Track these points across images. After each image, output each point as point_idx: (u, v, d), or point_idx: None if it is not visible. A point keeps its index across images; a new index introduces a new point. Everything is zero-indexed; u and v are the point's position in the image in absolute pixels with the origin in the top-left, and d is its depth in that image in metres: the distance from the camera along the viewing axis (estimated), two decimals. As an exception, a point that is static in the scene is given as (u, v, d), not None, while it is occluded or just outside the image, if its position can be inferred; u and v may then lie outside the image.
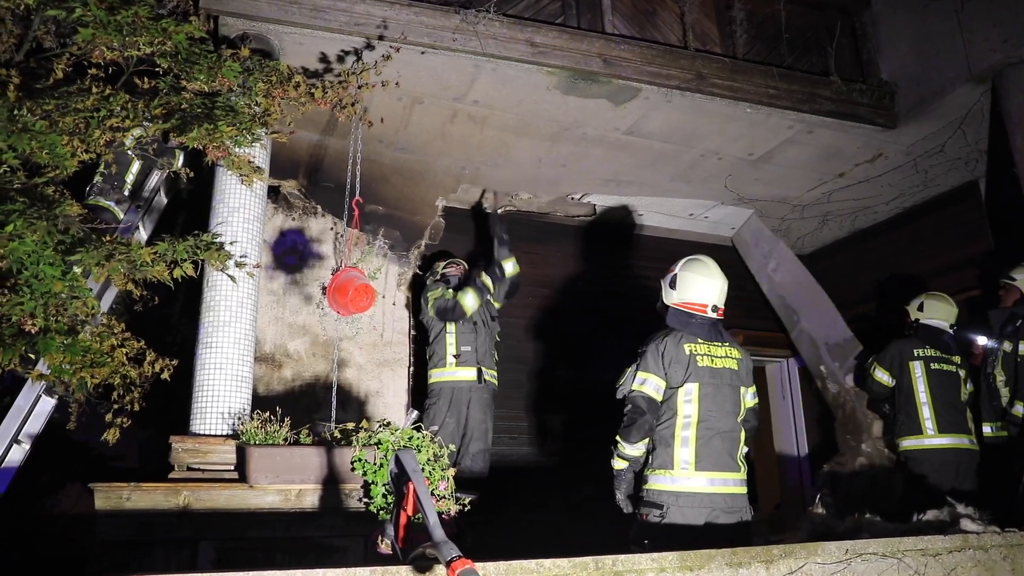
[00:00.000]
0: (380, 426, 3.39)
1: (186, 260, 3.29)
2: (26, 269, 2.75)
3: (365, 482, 3.24)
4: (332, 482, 3.31)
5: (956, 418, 4.66)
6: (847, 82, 5.35)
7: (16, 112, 2.81)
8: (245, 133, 3.35)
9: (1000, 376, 4.56)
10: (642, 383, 3.27)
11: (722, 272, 3.45)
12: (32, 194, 2.88)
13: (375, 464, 3.21)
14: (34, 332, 2.74)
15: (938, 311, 4.91)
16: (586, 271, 6.69)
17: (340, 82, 3.85)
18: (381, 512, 3.10)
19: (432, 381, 5.08)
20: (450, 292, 5.10)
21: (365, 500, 3.25)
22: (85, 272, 3.04)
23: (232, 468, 3.55)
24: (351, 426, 3.47)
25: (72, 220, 2.97)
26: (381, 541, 2.69)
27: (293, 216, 5.71)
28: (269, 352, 5.39)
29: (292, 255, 5.65)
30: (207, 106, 3.28)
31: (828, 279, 6.72)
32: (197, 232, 3.53)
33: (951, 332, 4.89)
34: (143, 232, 4.34)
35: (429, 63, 4.56)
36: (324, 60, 4.48)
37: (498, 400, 5.28)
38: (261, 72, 3.55)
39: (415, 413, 3.64)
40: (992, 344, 4.67)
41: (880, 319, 6.29)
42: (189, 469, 3.52)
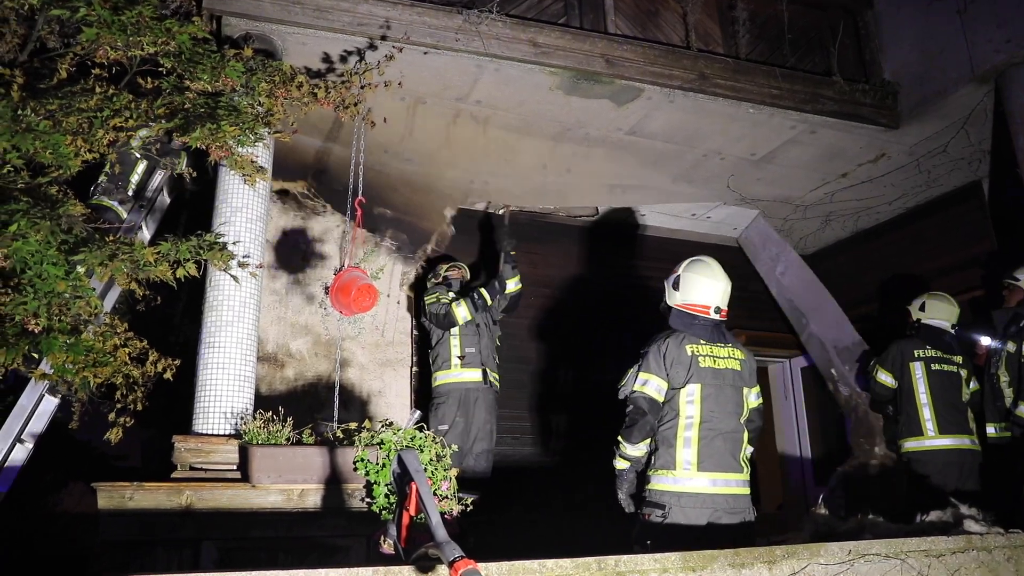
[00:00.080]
0: (382, 426, 3.38)
1: (189, 260, 3.30)
2: (30, 269, 2.75)
3: (367, 482, 3.24)
4: (334, 482, 3.30)
5: (957, 418, 4.65)
6: (850, 82, 5.34)
7: (20, 112, 2.82)
8: (248, 133, 3.36)
9: (1004, 377, 4.55)
10: (644, 384, 3.28)
11: (725, 273, 3.44)
12: (36, 194, 2.89)
13: (377, 464, 3.21)
14: (37, 331, 2.75)
15: (940, 311, 4.90)
16: (588, 271, 6.69)
17: (343, 82, 3.85)
18: (383, 512, 3.09)
19: (438, 383, 5.08)
20: (447, 297, 5.12)
21: (367, 500, 3.25)
22: (88, 272, 3.04)
23: (235, 468, 3.56)
24: (353, 426, 3.47)
25: (75, 220, 2.97)
26: (384, 541, 2.69)
27: (299, 216, 5.72)
28: (272, 352, 5.39)
29: (295, 254, 5.66)
30: (210, 106, 3.29)
31: (831, 279, 6.71)
32: (200, 232, 3.54)
33: (953, 332, 4.88)
34: (146, 232, 4.35)
35: (432, 63, 4.56)
36: (327, 60, 4.48)
37: (500, 400, 5.28)
38: (264, 72, 3.55)
39: (418, 413, 3.65)
40: (996, 344, 4.66)
41: (883, 319, 6.28)
42: (192, 469, 3.52)
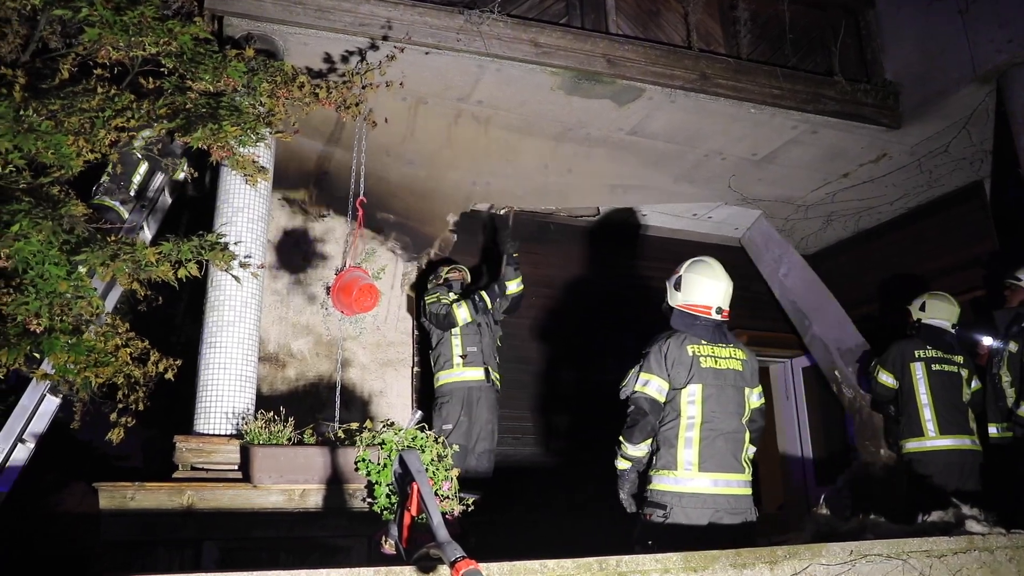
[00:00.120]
0: (384, 426, 3.38)
1: (190, 260, 3.30)
2: (31, 269, 2.76)
3: (369, 482, 3.24)
4: (336, 482, 3.30)
5: (958, 419, 4.64)
6: (851, 82, 5.34)
7: (22, 112, 2.82)
8: (249, 133, 3.36)
9: (1005, 377, 4.54)
10: (645, 384, 3.28)
11: (727, 274, 3.44)
12: (38, 194, 2.89)
13: (379, 464, 3.21)
14: (39, 331, 2.75)
15: (940, 311, 4.89)
16: (590, 271, 6.68)
17: (344, 82, 3.85)
18: (385, 512, 3.09)
19: (441, 383, 5.08)
20: (447, 297, 5.13)
21: (369, 500, 3.25)
22: (90, 272, 3.04)
23: (236, 468, 3.56)
24: (355, 426, 3.46)
25: (77, 220, 2.98)
26: (385, 541, 2.70)
27: (300, 217, 5.72)
28: (273, 352, 5.39)
29: (296, 255, 5.66)
30: (212, 106, 3.29)
31: (832, 279, 6.70)
32: (201, 232, 3.54)
33: (953, 332, 4.87)
34: (148, 232, 4.35)
35: (433, 63, 4.56)
36: (328, 60, 4.48)
37: (502, 400, 5.28)
38: (265, 72, 3.55)
39: (419, 413, 3.64)
40: (997, 345, 4.65)
41: (884, 319, 6.28)
42: (193, 469, 3.52)
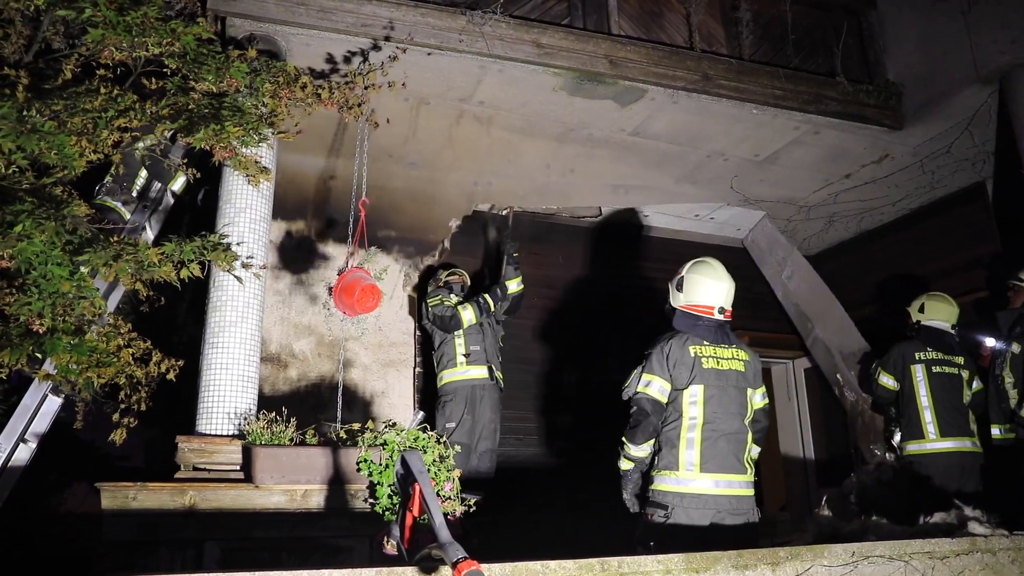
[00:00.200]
0: (386, 427, 3.38)
1: (193, 261, 3.30)
2: (34, 269, 2.76)
3: (371, 483, 3.24)
4: (338, 483, 3.30)
5: (958, 421, 4.63)
6: (853, 83, 5.34)
7: (25, 113, 2.82)
8: (252, 133, 3.35)
9: (1008, 378, 4.53)
10: (647, 385, 3.28)
11: (729, 274, 3.45)
12: (40, 194, 2.89)
13: (381, 465, 3.21)
14: (41, 332, 2.75)
15: (939, 312, 4.87)
16: (592, 272, 6.68)
17: (347, 83, 3.85)
18: (387, 513, 3.09)
19: (444, 382, 5.09)
20: (450, 299, 5.15)
21: (371, 501, 3.25)
22: (92, 272, 3.05)
23: (238, 468, 3.56)
24: (357, 427, 3.46)
25: (80, 220, 2.98)
26: (387, 542, 2.70)
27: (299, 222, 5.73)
28: (275, 352, 5.39)
29: (298, 255, 5.66)
30: (214, 107, 3.29)
31: (834, 280, 6.70)
32: (204, 233, 3.54)
33: (953, 332, 4.86)
34: (150, 232, 4.36)
35: (435, 64, 4.56)
36: (331, 61, 4.49)
37: (504, 401, 5.28)
38: (268, 73, 3.55)
39: (421, 414, 3.64)
40: (1000, 346, 4.64)
41: (886, 320, 6.27)
42: (195, 469, 3.52)
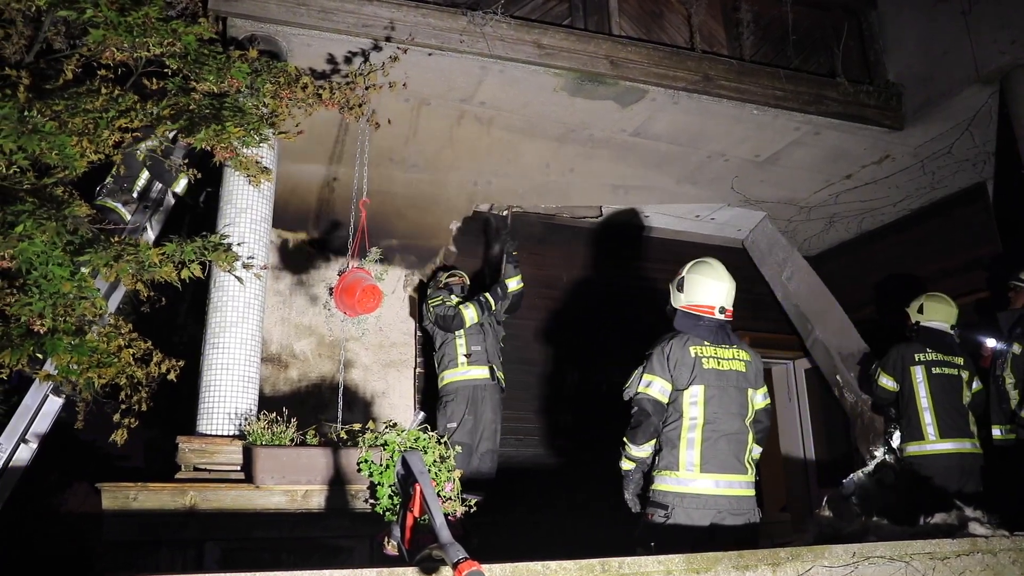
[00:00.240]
0: (386, 427, 3.38)
1: (194, 261, 3.30)
2: (35, 269, 2.76)
3: (371, 483, 3.24)
4: (338, 483, 3.30)
5: (958, 422, 4.62)
6: (854, 83, 5.34)
7: (26, 113, 2.82)
8: (253, 134, 3.36)
9: (1009, 379, 4.53)
10: (647, 386, 3.28)
11: (729, 274, 3.45)
12: (41, 195, 2.89)
13: (381, 465, 3.21)
14: (42, 332, 2.76)
15: (938, 313, 4.86)
16: (593, 272, 6.68)
17: (347, 83, 3.85)
18: (387, 513, 3.09)
19: (446, 382, 5.10)
20: (452, 300, 5.16)
21: (371, 501, 3.25)
22: (93, 272, 3.05)
23: (238, 468, 3.56)
24: (357, 427, 3.46)
25: (81, 221, 2.98)
26: (387, 542, 2.70)
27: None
28: (275, 352, 5.40)
29: (299, 255, 5.66)
30: (215, 107, 3.29)
31: (835, 281, 6.70)
32: (205, 233, 3.55)
33: (952, 333, 4.86)
34: (151, 233, 4.36)
35: (436, 65, 4.57)
36: (332, 61, 4.49)
37: (504, 401, 5.29)
38: (269, 73, 3.55)
39: (422, 415, 3.64)
40: (1001, 346, 4.64)
41: (886, 321, 6.26)
42: (196, 469, 3.52)
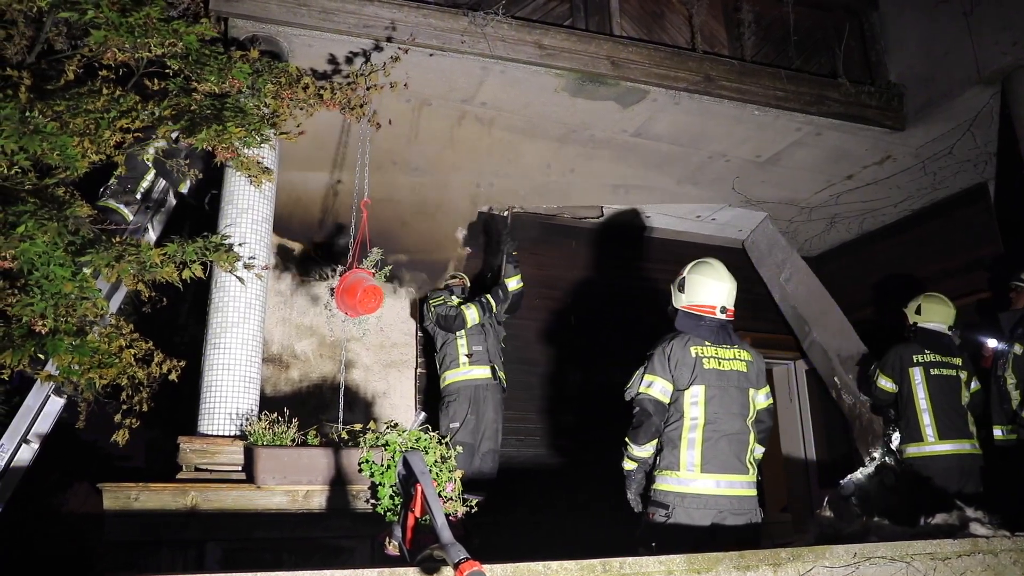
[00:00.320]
0: (387, 427, 3.38)
1: (195, 261, 3.31)
2: (36, 270, 2.76)
3: (372, 483, 3.24)
4: (339, 483, 3.30)
5: (957, 423, 4.62)
6: (855, 84, 5.34)
7: (28, 113, 2.82)
8: (254, 134, 3.36)
9: (1010, 379, 4.52)
10: (649, 386, 3.28)
11: (730, 274, 3.45)
12: (43, 195, 2.90)
13: (382, 465, 3.20)
14: (43, 333, 2.76)
15: (936, 313, 4.86)
16: (594, 273, 6.69)
17: (349, 84, 3.85)
18: (388, 514, 3.09)
19: (448, 382, 5.11)
20: (453, 300, 5.19)
21: (372, 501, 3.25)
22: (95, 273, 3.05)
23: (240, 469, 3.56)
24: (358, 427, 3.46)
25: (82, 221, 2.98)
26: (388, 542, 2.70)
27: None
28: (277, 353, 5.40)
29: (300, 256, 5.66)
30: (216, 107, 3.29)
31: (835, 281, 6.70)
32: (206, 233, 3.55)
33: (950, 333, 4.85)
34: (152, 233, 4.36)
35: (437, 65, 4.57)
36: (333, 62, 4.49)
37: (506, 401, 5.29)
38: (270, 74, 3.56)
39: (423, 415, 3.64)
40: (1002, 347, 4.64)
41: (886, 322, 6.26)
42: (197, 469, 3.52)
